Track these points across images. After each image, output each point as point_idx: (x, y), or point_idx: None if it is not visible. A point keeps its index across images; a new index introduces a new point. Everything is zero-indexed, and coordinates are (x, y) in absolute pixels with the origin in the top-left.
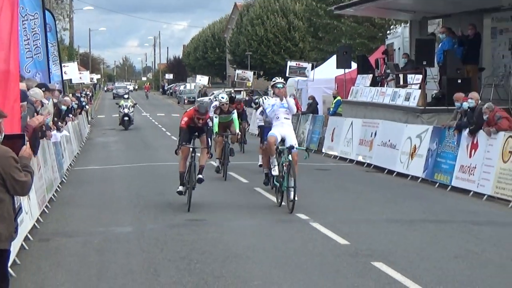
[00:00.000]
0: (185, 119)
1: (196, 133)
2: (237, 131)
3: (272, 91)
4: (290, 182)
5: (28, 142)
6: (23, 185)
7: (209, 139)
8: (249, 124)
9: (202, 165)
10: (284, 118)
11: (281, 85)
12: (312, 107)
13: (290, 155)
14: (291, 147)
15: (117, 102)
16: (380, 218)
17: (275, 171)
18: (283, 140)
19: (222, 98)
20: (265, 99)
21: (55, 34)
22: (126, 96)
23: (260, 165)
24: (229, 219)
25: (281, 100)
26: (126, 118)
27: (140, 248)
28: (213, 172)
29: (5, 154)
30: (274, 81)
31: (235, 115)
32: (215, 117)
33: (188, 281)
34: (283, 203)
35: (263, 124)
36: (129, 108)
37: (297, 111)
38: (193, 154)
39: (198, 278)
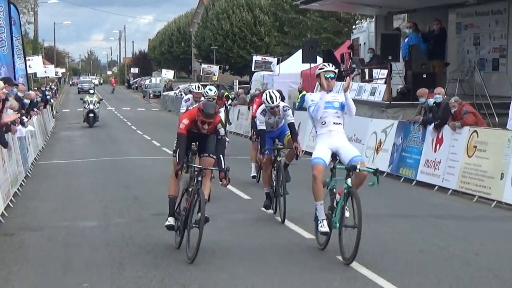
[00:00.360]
0: (185, 121)
1: (195, 144)
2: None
3: (318, 83)
4: (348, 220)
5: None
6: None
7: (221, 156)
8: (230, 123)
9: (205, 198)
10: (334, 123)
11: (332, 75)
12: None
13: (349, 179)
14: (353, 167)
15: (81, 98)
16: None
17: (323, 227)
18: (334, 156)
19: (210, 90)
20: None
21: (19, 27)
22: (91, 91)
23: (253, 177)
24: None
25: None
26: (91, 115)
27: (106, 242)
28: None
29: None
30: (322, 68)
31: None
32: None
33: (154, 275)
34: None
35: (264, 127)
36: (94, 104)
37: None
38: (199, 178)
39: (164, 272)
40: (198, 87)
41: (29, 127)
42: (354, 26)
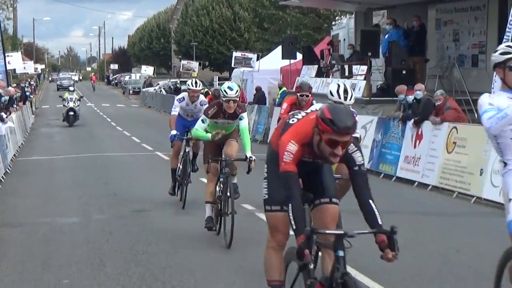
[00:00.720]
0: (292, 147)
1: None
2: (248, 154)
3: (497, 76)
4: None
5: None
6: None
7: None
8: None
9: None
10: None
11: None
12: (257, 98)
13: None
14: None
15: (60, 95)
16: None
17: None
18: None
19: (230, 89)
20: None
21: None
22: (71, 88)
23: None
24: (175, 210)
25: None
26: (71, 113)
27: (86, 238)
28: (157, 163)
29: None
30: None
31: (244, 123)
32: (203, 122)
33: (134, 271)
34: None
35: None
36: (74, 102)
37: (242, 102)
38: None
39: (144, 269)
40: (196, 82)
41: (9, 124)
42: (333, 23)
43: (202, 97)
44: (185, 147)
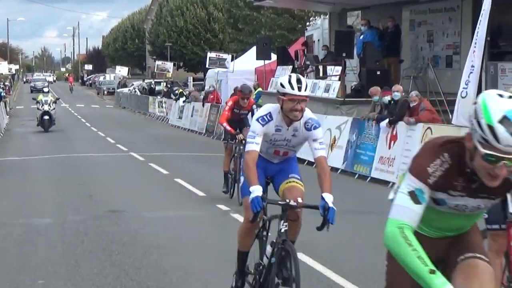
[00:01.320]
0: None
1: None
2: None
3: None
4: None
5: None
6: None
7: None
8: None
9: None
10: None
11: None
12: None
13: None
14: None
15: (34, 98)
16: None
17: None
18: None
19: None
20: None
21: None
22: (45, 89)
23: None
24: (150, 211)
25: None
26: (46, 117)
27: (61, 239)
28: (132, 164)
29: None
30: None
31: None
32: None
33: (109, 272)
34: None
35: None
36: (49, 105)
37: (216, 103)
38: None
39: (119, 269)
40: (299, 81)
41: None
42: (308, 23)
43: (309, 112)
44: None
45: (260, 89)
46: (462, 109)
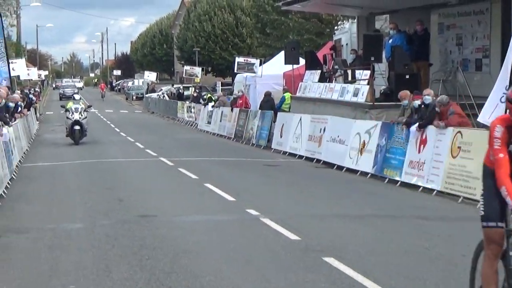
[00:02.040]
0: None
1: None
2: None
3: None
4: None
5: None
6: None
7: None
8: None
9: None
10: None
11: None
12: (270, 103)
13: None
14: None
15: (63, 105)
16: (330, 214)
17: None
18: None
19: None
20: None
21: (1, 30)
22: (76, 96)
23: None
24: (179, 215)
25: None
26: (77, 127)
27: (91, 244)
28: (161, 168)
29: None
30: None
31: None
32: None
33: (140, 277)
34: None
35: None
36: (80, 113)
37: (245, 107)
38: None
39: (149, 274)
40: None
41: (4, 131)
42: (336, 27)
43: None
44: None
45: (288, 93)
46: (497, 113)
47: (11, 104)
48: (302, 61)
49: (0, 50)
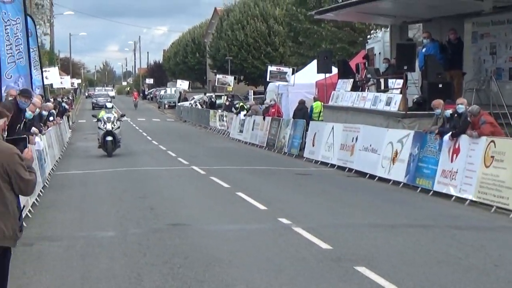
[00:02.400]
0: None
1: None
2: None
3: None
4: None
5: (29, 145)
6: (28, 183)
7: None
8: None
9: None
10: None
11: None
12: (303, 112)
13: None
14: None
15: (94, 115)
16: (362, 223)
17: None
18: None
19: None
20: None
21: (35, 39)
22: (109, 104)
23: None
24: (211, 224)
25: None
26: (109, 138)
27: (123, 252)
28: (193, 177)
29: (10, 151)
30: None
31: None
32: None
33: (171, 285)
34: None
35: None
36: (113, 123)
37: (278, 116)
38: None
39: (181, 282)
40: None
41: (37, 140)
42: (368, 36)
43: None
44: None
45: (317, 102)
46: None
47: (44, 113)
48: (334, 70)
49: (34, 59)
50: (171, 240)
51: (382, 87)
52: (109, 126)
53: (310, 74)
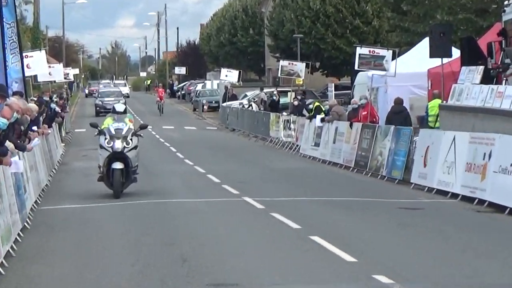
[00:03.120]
0: None
1: None
2: None
3: None
4: None
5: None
6: None
7: None
8: None
9: None
10: None
11: None
12: (402, 116)
13: None
14: None
15: (94, 124)
16: (503, 284)
17: None
18: None
19: None
20: None
21: (13, 10)
22: (120, 107)
23: None
24: (274, 285)
25: None
26: (118, 166)
27: None
28: (246, 214)
29: None
30: None
31: None
32: None
33: None
34: None
35: None
36: (126, 139)
37: (372, 122)
38: None
39: None
40: None
41: (15, 159)
42: (506, 2)
43: None
44: None
45: (436, 100)
46: None
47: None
48: (455, 53)
49: (11, 39)
50: None
51: None
52: (118, 145)
53: (419, 59)
